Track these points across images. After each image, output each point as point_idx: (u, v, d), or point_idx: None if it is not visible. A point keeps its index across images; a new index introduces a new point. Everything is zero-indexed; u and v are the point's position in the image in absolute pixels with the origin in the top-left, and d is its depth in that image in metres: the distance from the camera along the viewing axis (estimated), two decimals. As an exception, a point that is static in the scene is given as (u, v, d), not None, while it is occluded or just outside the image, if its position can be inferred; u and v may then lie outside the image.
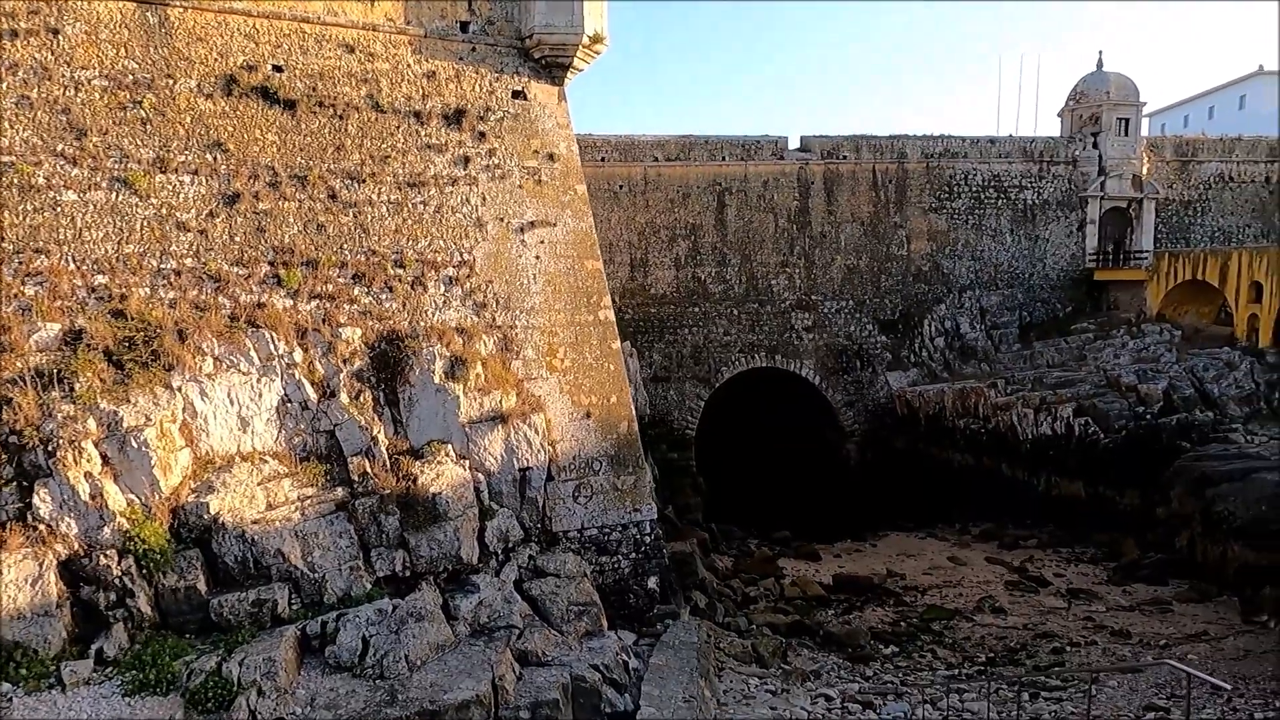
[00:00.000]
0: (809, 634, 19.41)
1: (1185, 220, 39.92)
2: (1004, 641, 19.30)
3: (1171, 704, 15.47)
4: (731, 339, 35.94)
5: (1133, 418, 28.29)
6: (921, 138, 37.96)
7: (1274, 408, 28.68)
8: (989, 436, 31.71)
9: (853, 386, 36.49)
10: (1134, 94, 38.64)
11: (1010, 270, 38.35)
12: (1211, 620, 20.27)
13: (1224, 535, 22.55)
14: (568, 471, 16.32)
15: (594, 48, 17.22)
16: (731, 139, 36.41)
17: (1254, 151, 40.43)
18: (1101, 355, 33.13)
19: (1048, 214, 38.70)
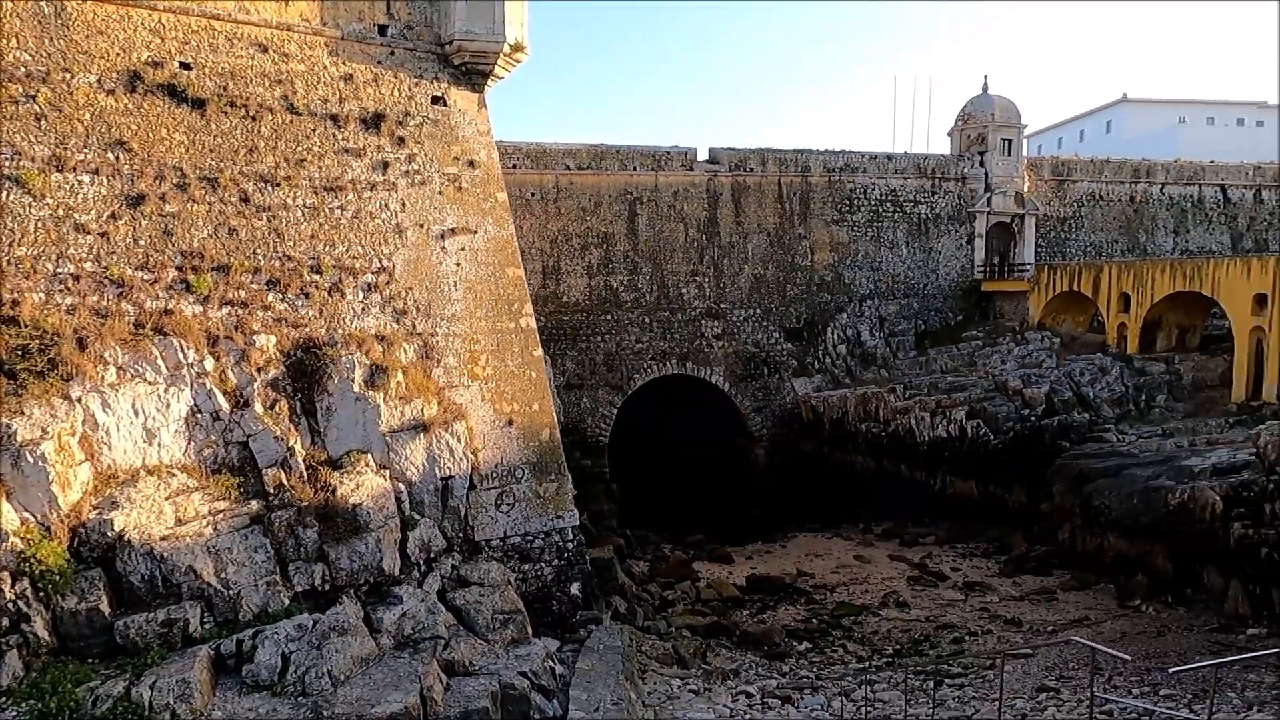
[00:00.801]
0: (726, 634, 19.89)
1: (1062, 235, 42.89)
2: (909, 634, 20.30)
3: (1060, 684, 16.66)
4: (644, 346, 36.37)
5: (1019, 420, 30.22)
6: (824, 153, 39.48)
7: (1141, 409, 31.16)
8: (889, 439, 33.19)
9: (761, 392, 37.51)
10: (1016, 116, 41.32)
11: (906, 280, 40.28)
12: (1092, 606, 21.89)
13: (1101, 528, 24.40)
14: (490, 480, 16.26)
15: (515, 56, 17.28)
16: (642, 149, 36.92)
17: (1120, 172, 43.85)
18: (990, 361, 35.21)
19: (940, 228, 40.87)
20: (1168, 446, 26.70)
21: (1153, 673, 16.08)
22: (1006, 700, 15.73)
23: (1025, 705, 15.47)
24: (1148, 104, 57.89)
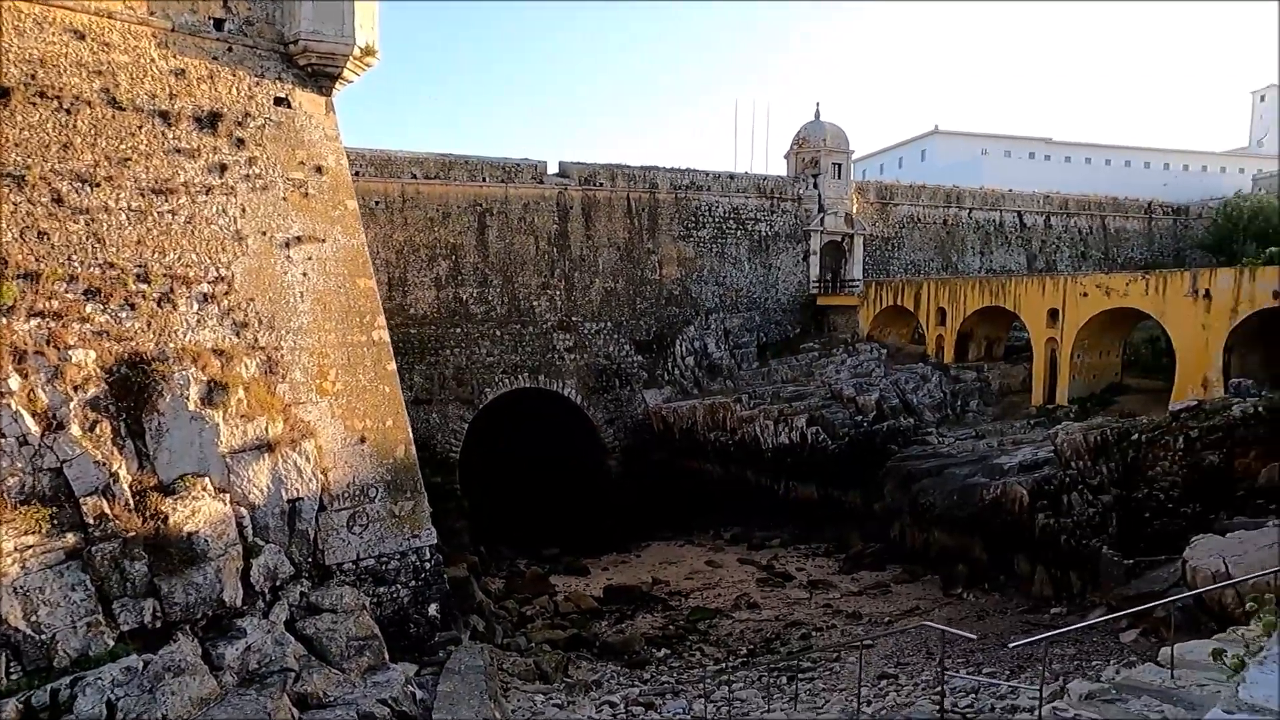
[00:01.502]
0: (587, 646, 19.93)
1: (886, 254, 46.31)
2: (761, 633, 21.15)
3: (898, 670, 17.92)
4: (495, 360, 35.86)
5: (853, 426, 32.26)
6: (671, 170, 40.63)
7: (958, 413, 34.11)
8: (736, 447, 34.47)
9: (613, 404, 37.92)
10: (845, 142, 44.31)
11: (749, 295, 42.09)
12: (922, 596, 23.69)
13: (927, 524, 26.46)
14: (341, 500, 15.50)
15: (365, 60, 16.68)
16: (492, 160, 36.55)
17: (935, 197, 47.98)
18: (826, 371, 37.40)
19: (779, 245, 43.04)
20: (981, 447, 29.37)
21: (987, 651, 17.53)
22: (852, 690, 16.76)
23: (869, 692, 16.52)
24: (956, 136, 63.73)
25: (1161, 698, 7.26)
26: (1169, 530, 20.46)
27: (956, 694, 16.30)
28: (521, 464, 35.02)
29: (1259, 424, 20.42)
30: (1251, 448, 20.50)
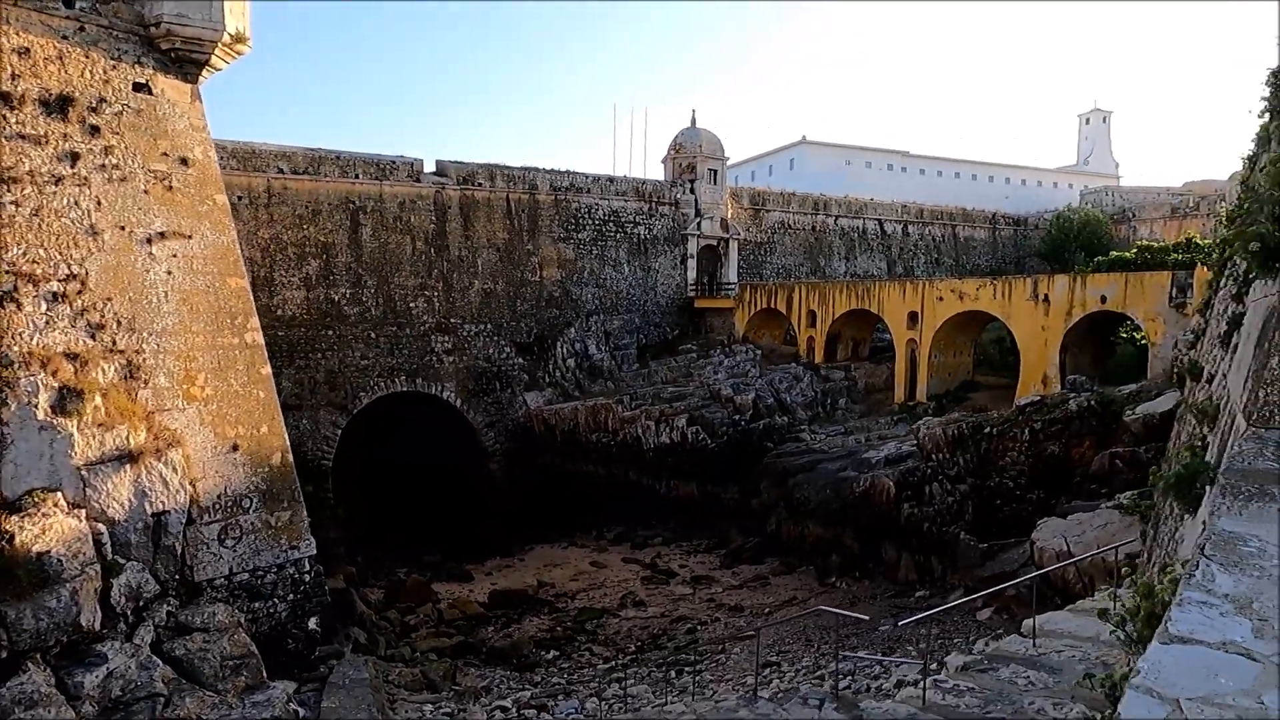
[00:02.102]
0: (474, 652, 19.64)
1: (759, 258, 47.96)
2: (648, 630, 21.48)
3: (780, 659, 18.67)
4: (370, 363, 34.67)
5: (731, 424, 33.24)
6: (550, 172, 40.55)
7: (828, 411, 35.78)
8: (618, 448, 34.78)
9: (493, 407, 37.44)
10: (720, 149, 45.58)
11: (629, 297, 42.57)
12: (799, 587, 24.72)
13: (802, 517, 27.63)
14: (212, 512, 14.63)
15: (236, 47, 15.81)
16: (366, 157, 35.34)
17: (804, 205, 50.11)
18: (704, 372, 38.33)
19: (657, 248, 43.76)
20: (850, 443, 30.94)
21: (861, 635, 18.48)
22: (738, 679, 17.34)
23: (754, 680, 17.13)
24: (822, 146, 66.81)
25: (1027, 665, 7.98)
26: (1018, 515, 22.27)
27: (834, 676, 17.20)
28: (400, 470, 34.02)
29: (1092, 416, 22.56)
30: (1086, 438, 22.62)
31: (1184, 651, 1.73)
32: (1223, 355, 6.77)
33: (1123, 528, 17.24)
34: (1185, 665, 1.68)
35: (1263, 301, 3.95)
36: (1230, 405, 4.19)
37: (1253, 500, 2.73)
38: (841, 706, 7.48)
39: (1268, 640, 1.80)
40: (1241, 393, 3.85)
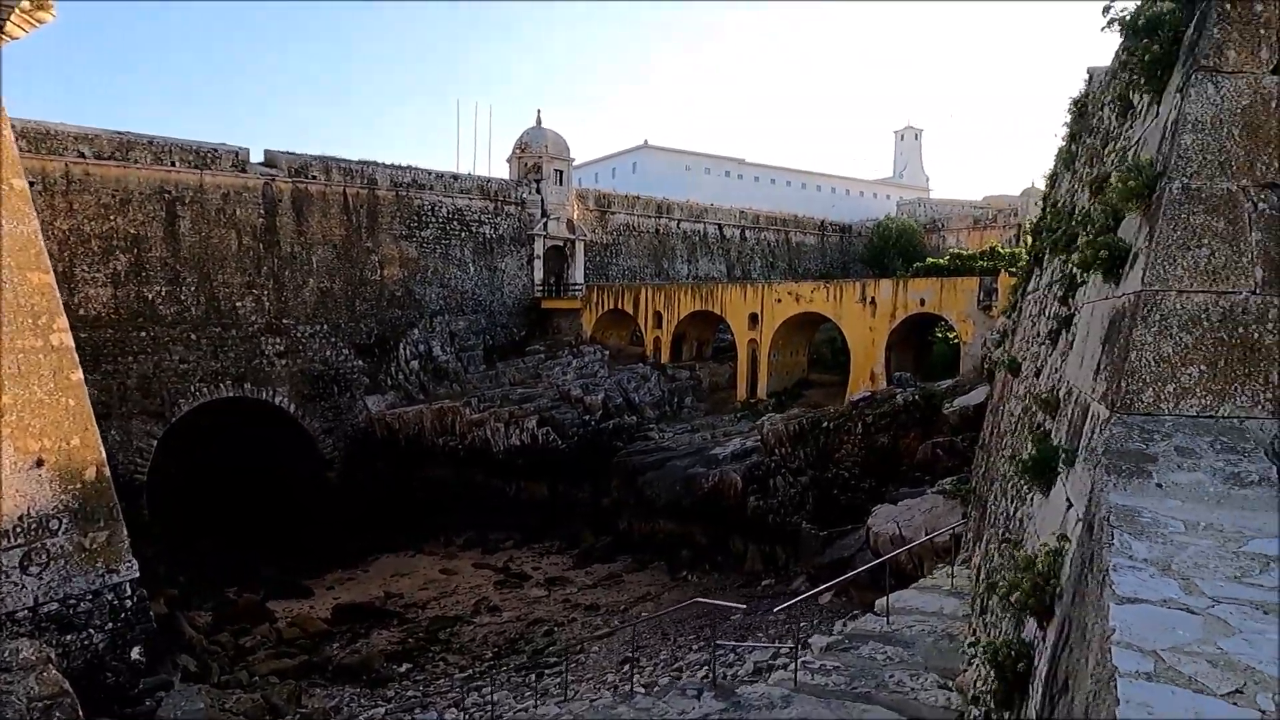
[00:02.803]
0: (320, 671, 18.59)
1: (605, 260, 48.42)
2: (505, 635, 21.16)
3: (639, 654, 18.94)
4: (190, 367, 31.94)
5: (582, 425, 33.36)
6: (391, 167, 39.04)
7: (675, 409, 36.69)
8: (466, 451, 34.01)
9: (331, 413, 35.55)
10: (566, 150, 45.62)
11: (475, 297, 41.73)
12: (652, 583, 25.17)
13: (653, 514, 28.16)
14: (13, 536, 12.98)
15: (36, 15, 14.09)
16: (183, 143, 32.56)
17: (648, 208, 51.11)
18: (553, 373, 38.23)
19: (504, 248, 43.18)
20: (697, 440, 31.86)
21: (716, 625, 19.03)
22: (599, 678, 17.45)
23: (615, 677, 17.30)
24: (664, 151, 68.39)
25: (884, 641, 8.57)
26: (853, 503, 23.79)
27: (692, 667, 17.68)
28: (227, 482, 31.57)
29: (916, 410, 24.50)
30: (911, 430, 24.52)
31: (1137, 610, 1.96)
32: (1049, 352, 7.56)
33: (946, 511, 18.84)
34: (1144, 622, 1.90)
35: (1106, 303, 4.46)
36: (1078, 395, 4.70)
37: (1135, 477, 3.10)
38: (720, 694, 7.73)
39: (1197, 596, 2.07)
40: (1093, 384, 4.33)
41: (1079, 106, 11.39)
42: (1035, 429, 6.58)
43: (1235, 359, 3.56)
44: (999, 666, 4.00)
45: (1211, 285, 3.61)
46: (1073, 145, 11.24)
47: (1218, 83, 3.75)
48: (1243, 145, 3.73)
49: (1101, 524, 2.65)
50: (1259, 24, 3.80)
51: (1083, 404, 4.45)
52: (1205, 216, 3.67)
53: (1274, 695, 1.57)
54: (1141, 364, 3.55)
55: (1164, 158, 3.92)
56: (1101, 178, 6.54)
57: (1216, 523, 2.63)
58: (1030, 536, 5.42)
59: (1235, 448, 3.23)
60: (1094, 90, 10.63)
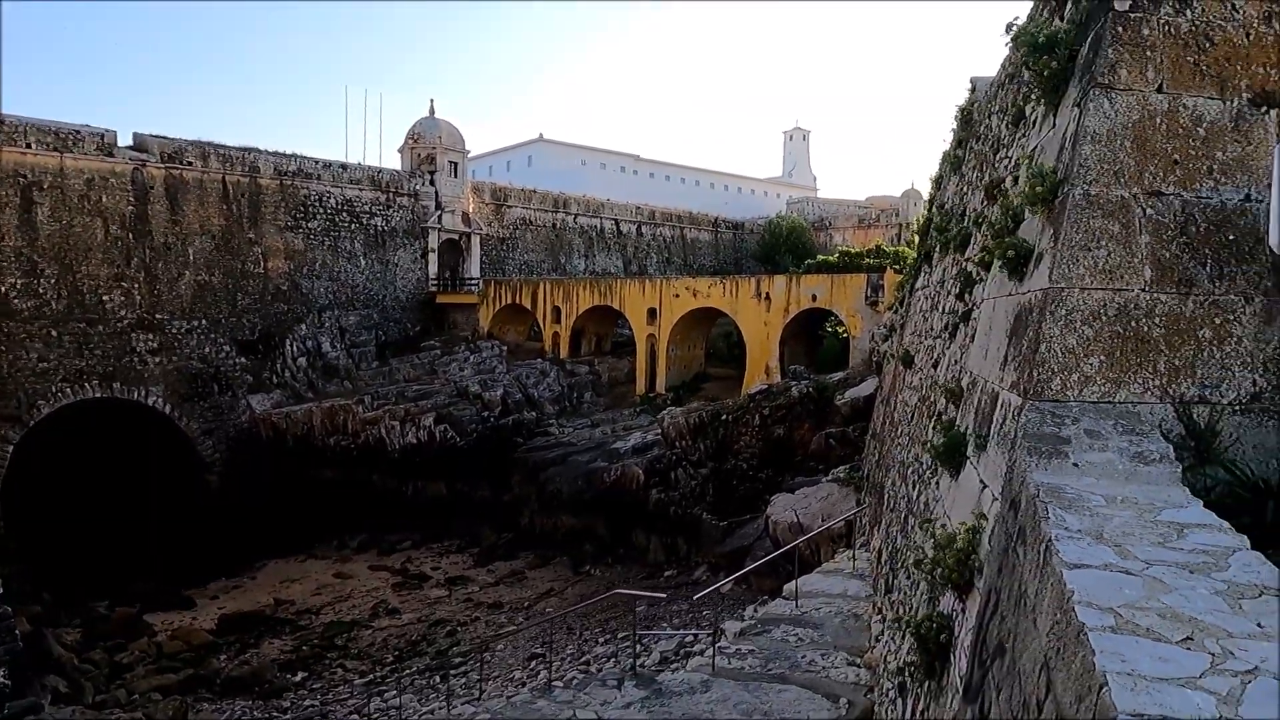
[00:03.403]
0: (207, 686, 17.67)
1: (502, 254, 47.80)
2: (406, 637, 20.69)
3: (544, 650, 18.91)
4: (51, 365, 29.59)
5: (480, 421, 32.90)
6: (275, 154, 37.30)
7: (574, 404, 36.68)
8: (359, 451, 32.94)
9: (211, 413, 33.67)
10: (461, 142, 44.74)
11: (366, 292, 40.39)
12: (555, 578, 25.15)
13: (555, 509, 28.11)
14: None
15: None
16: (40, 123, 30.11)
17: (545, 202, 50.78)
18: (449, 369, 37.51)
19: (396, 241, 41.96)
20: (598, 434, 32.01)
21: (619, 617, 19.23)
22: (506, 676, 17.33)
23: (522, 674, 17.22)
24: (559, 145, 68.05)
25: (794, 624, 8.92)
26: (752, 493, 24.50)
27: (599, 659, 17.81)
28: (95, 489, 29.43)
29: (810, 402, 25.43)
30: (805, 421, 25.45)
31: (1085, 574, 2.17)
32: (947, 345, 8.05)
33: (841, 498, 19.69)
34: (1095, 584, 2.11)
35: (1010, 299, 4.82)
36: (985, 385, 5.05)
37: (1053, 458, 3.39)
38: (641, 682, 7.86)
39: (1132, 560, 2.30)
40: (1000, 374, 4.67)
41: (965, 114, 12.10)
42: (938, 417, 7.00)
43: (1129, 350, 3.94)
44: (922, 639, 4.27)
45: (1109, 283, 3.98)
46: (959, 150, 11.93)
47: (1112, 99, 4.13)
48: (1133, 156, 4.12)
49: (1032, 500, 2.90)
50: (1146, 46, 4.20)
51: (990, 392, 4.79)
52: (1103, 220, 4.04)
53: (1218, 640, 1.81)
54: (1050, 355, 3.88)
55: (1065, 166, 4.27)
56: (996, 182, 7.02)
57: (1130, 496, 2.93)
58: (940, 516, 5.79)
59: (1134, 429, 3.58)
60: (979, 99, 11.33)
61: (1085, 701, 1.65)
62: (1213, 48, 4.26)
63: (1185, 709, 1.50)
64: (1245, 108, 4.22)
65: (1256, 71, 4.27)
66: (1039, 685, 2.07)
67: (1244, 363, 4.00)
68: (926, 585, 4.93)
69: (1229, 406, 3.95)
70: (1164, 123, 4.16)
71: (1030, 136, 5.72)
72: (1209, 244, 4.08)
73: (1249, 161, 4.18)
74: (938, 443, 5.56)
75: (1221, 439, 3.83)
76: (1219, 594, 2.06)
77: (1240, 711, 1.49)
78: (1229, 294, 4.04)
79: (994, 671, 2.91)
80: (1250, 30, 4.31)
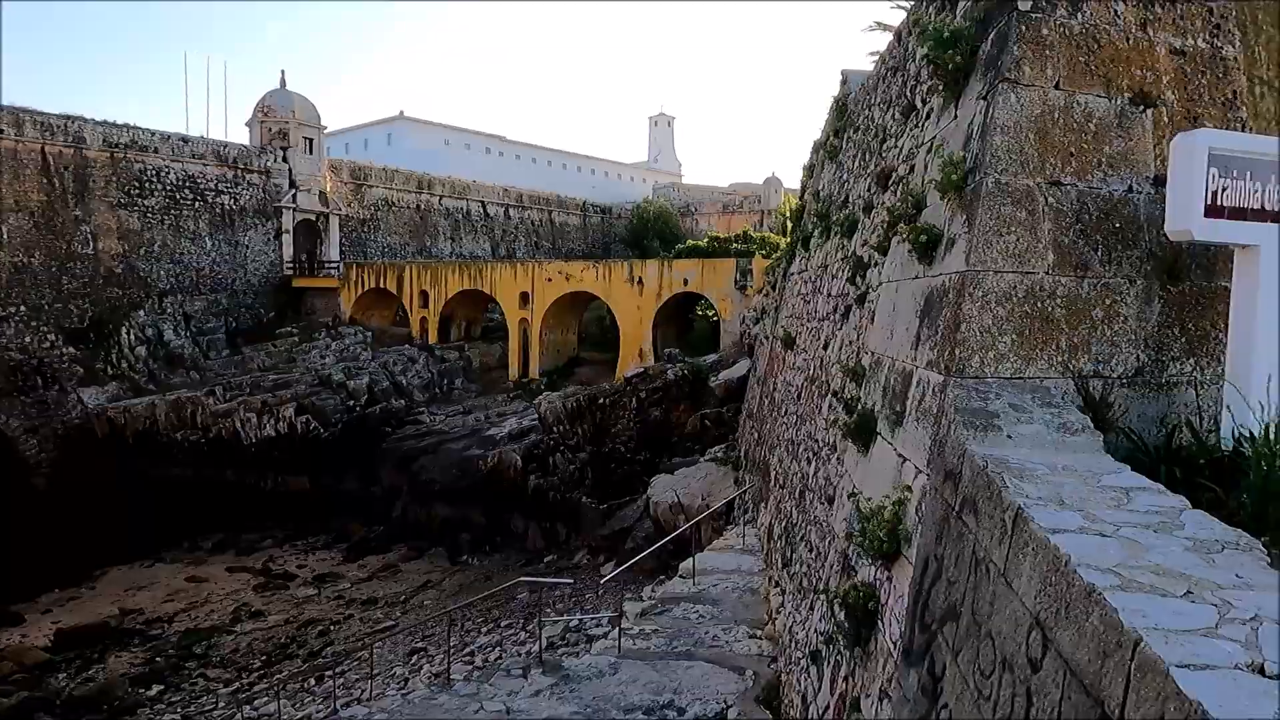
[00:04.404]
0: (46, 708, 16.07)
1: (363, 236, 45.77)
2: (273, 640, 19.57)
3: (426, 643, 18.44)
4: None
5: (346, 411, 31.52)
6: (103, 124, 34.03)
7: (445, 391, 35.77)
8: (211, 445, 30.80)
9: (36, 409, 30.45)
10: (316, 116, 42.37)
11: (213, 275, 37.66)
12: (431, 570, 24.50)
13: (428, 499, 27.37)
14: None
15: None
16: None
17: (408, 183, 48.98)
18: (309, 357, 35.67)
19: (246, 221, 39.32)
20: (471, 421, 31.38)
21: (502, 606, 18.97)
22: (387, 674, 16.75)
23: (404, 670, 16.70)
24: (421, 124, 65.67)
25: (693, 601, 9.09)
26: (630, 475, 24.74)
27: (483, 649, 17.54)
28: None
29: (686, 384, 25.93)
30: (681, 403, 25.93)
31: (1068, 538, 2.30)
32: (837, 326, 8.38)
33: (720, 477, 20.23)
34: (1082, 547, 2.24)
35: (919, 282, 5.06)
36: (893, 364, 5.30)
37: (987, 431, 3.59)
38: (548, 670, 7.77)
39: (1100, 524, 2.47)
40: (912, 354, 4.90)
41: (840, 105, 12.59)
42: (835, 395, 7.29)
43: (1036, 329, 4.24)
44: (849, 608, 4.45)
45: (1018, 266, 4.26)
46: (836, 139, 12.41)
47: (1018, 93, 4.41)
48: (1036, 148, 4.41)
49: (981, 471, 3.07)
50: (1046, 45, 4.50)
51: (902, 371, 5.03)
52: (1012, 208, 4.31)
53: (1213, 591, 1.98)
54: (970, 334, 4.11)
55: (975, 155, 4.53)
56: (887, 170, 7.34)
57: (1069, 465, 3.16)
58: (847, 490, 6.04)
59: (1051, 403, 3.86)
60: (854, 91, 11.81)
61: (1114, 657, 1.76)
62: (1099, 49, 4.62)
63: (1219, 658, 1.64)
64: (1127, 106, 4.61)
65: (1135, 73, 4.67)
66: (1028, 644, 2.21)
67: (1130, 340, 4.39)
68: (839, 556, 5.14)
69: (1118, 380, 4.33)
70: (1061, 117, 4.48)
71: (926, 127, 6.02)
72: (1100, 231, 4.44)
73: (1131, 155, 4.57)
74: (846, 420, 5.79)
75: (1114, 410, 4.19)
76: (1190, 550, 2.25)
77: (1263, 654, 1.64)
78: (1117, 277, 4.42)
79: (945, 634, 3.07)
80: (1129, 35, 4.70)
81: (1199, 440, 3.82)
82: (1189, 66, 4.79)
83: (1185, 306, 4.53)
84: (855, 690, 4.46)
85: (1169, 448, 3.89)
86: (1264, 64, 5.15)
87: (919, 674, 3.31)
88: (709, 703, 6.86)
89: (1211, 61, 4.87)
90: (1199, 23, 4.86)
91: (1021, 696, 2.21)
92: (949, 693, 2.87)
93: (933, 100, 5.87)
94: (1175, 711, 1.50)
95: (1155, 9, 4.76)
